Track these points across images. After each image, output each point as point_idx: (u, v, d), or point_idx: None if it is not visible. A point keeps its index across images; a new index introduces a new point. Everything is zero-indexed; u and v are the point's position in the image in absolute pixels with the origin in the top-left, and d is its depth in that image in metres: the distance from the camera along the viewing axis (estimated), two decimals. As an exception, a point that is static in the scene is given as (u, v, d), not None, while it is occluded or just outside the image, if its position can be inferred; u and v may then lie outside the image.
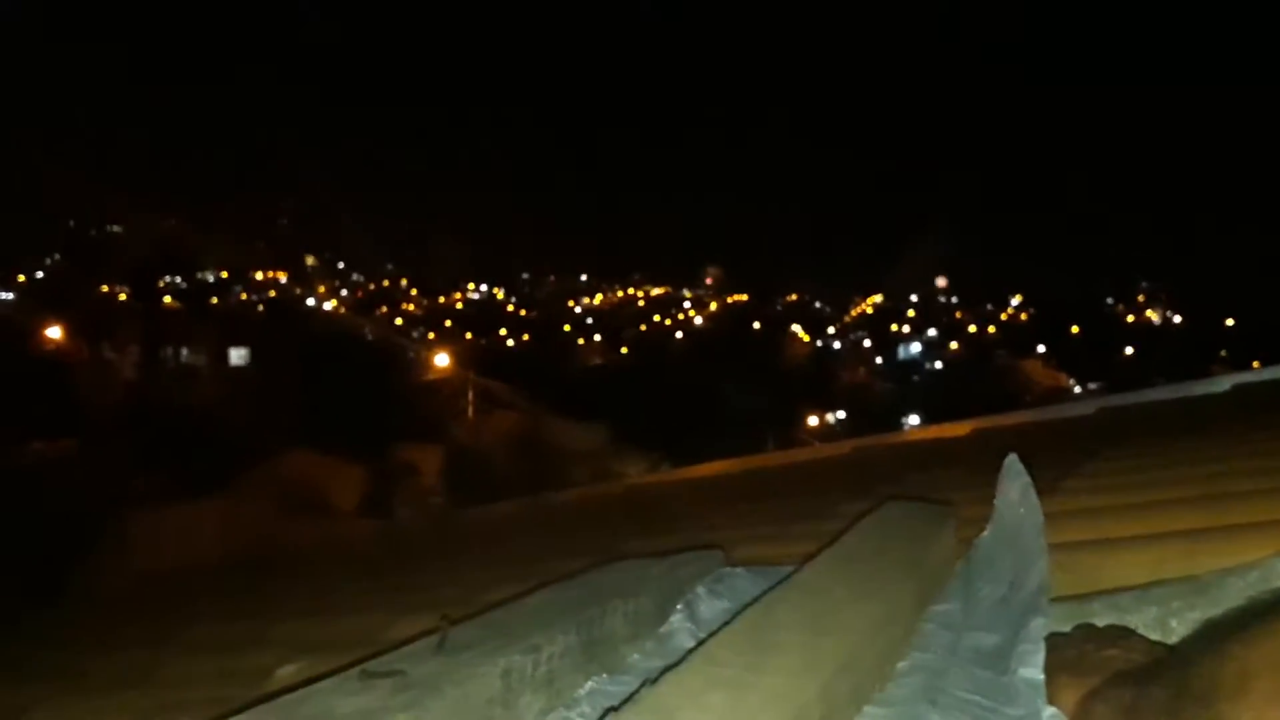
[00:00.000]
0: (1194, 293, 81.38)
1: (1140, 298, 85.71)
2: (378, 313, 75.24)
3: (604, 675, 1.41)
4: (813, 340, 74.59)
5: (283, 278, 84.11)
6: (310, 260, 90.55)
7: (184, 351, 46.92)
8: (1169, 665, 0.94)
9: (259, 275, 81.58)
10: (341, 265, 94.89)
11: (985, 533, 1.69)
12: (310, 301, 76.90)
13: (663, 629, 1.53)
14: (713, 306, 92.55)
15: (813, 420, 44.41)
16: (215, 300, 68.54)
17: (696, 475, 6.99)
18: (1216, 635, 0.80)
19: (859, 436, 7.77)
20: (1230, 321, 72.10)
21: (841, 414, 47.85)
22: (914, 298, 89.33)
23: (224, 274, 76.85)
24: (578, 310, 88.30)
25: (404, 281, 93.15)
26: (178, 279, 70.59)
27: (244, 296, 73.69)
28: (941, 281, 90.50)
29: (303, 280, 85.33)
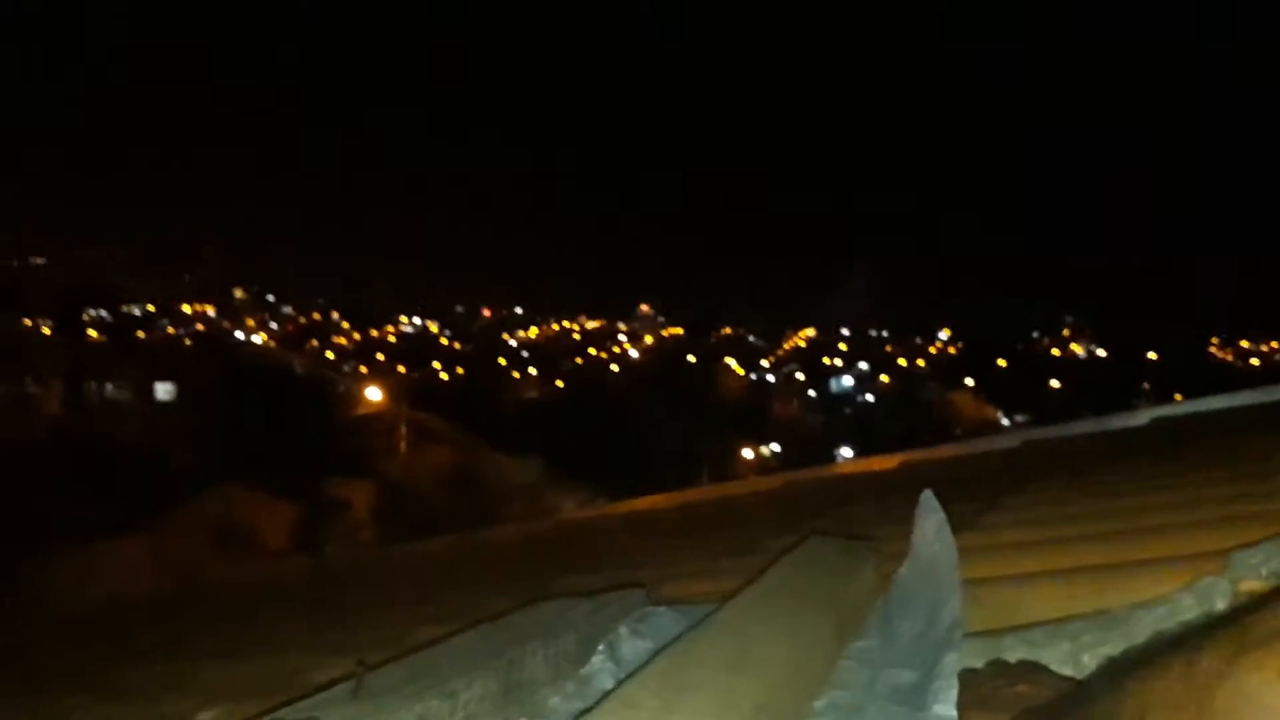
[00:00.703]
0: (1117, 328, 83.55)
1: (1065, 332, 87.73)
2: (308, 346, 74.26)
3: None
4: (747, 373, 75.05)
5: (211, 311, 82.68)
6: (239, 293, 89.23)
7: (109, 386, 45.72)
8: (1074, 703, 0.95)
9: (186, 308, 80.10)
10: (271, 298, 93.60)
11: (902, 569, 1.70)
12: (239, 335, 75.64)
13: (583, 670, 1.52)
14: (648, 340, 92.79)
15: (747, 453, 44.57)
16: (141, 334, 67.06)
17: (630, 510, 6.98)
18: (1120, 672, 0.82)
19: (792, 469, 7.83)
20: (1153, 355, 74.19)
21: (776, 446, 48.09)
22: (845, 331, 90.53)
23: (150, 307, 75.27)
24: (512, 343, 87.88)
25: (335, 314, 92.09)
26: (102, 312, 68.93)
27: (171, 330, 72.18)
28: (872, 316, 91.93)
29: (231, 313, 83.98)
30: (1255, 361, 79.21)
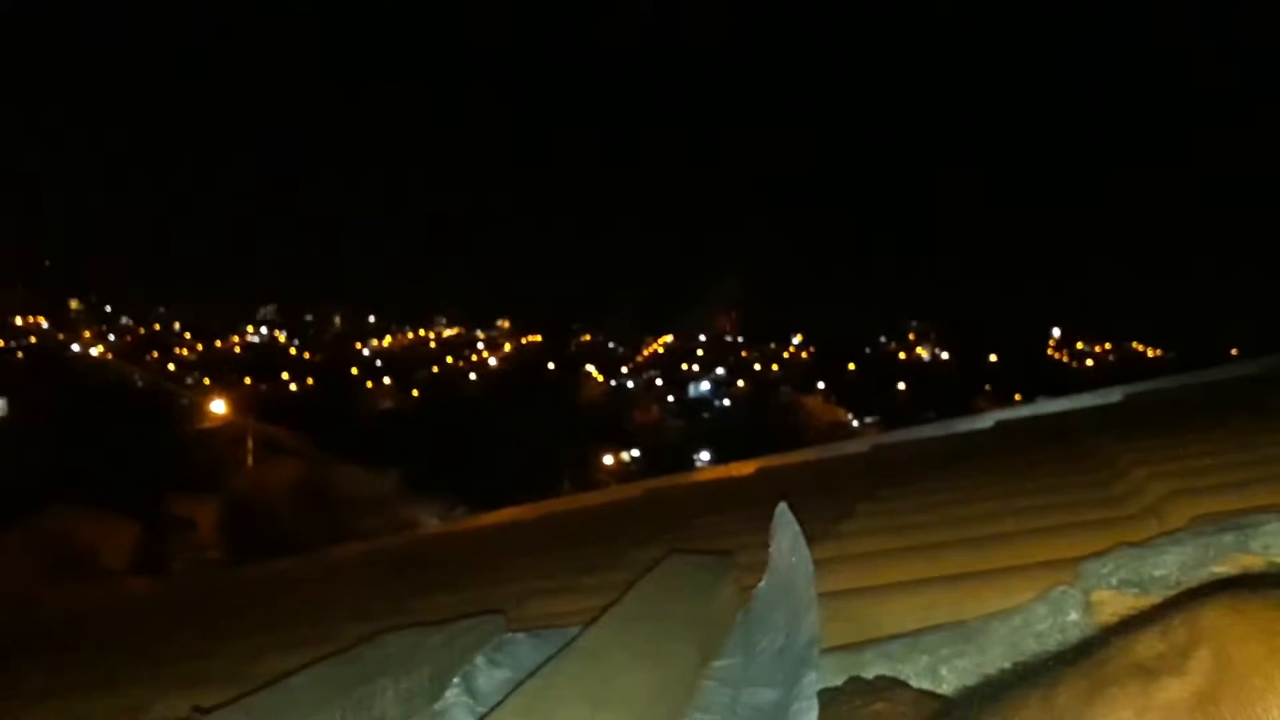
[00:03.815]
0: (959, 331, 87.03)
1: (911, 336, 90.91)
2: (148, 358, 71.21)
3: (372, 762, 1.32)
4: (607, 380, 75.39)
5: (44, 323, 78.52)
6: (75, 304, 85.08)
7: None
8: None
9: (18, 320, 75.86)
10: (109, 309, 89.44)
11: (761, 584, 1.69)
12: (75, 348, 72.10)
13: (438, 706, 1.45)
14: (507, 348, 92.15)
15: (608, 460, 44.76)
16: (-32, 347, 63.23)
17: (489, 523, 6.88)
18: (978, 703, 0.80)
19: (653, 475, 7.86)
20: (993, 358, 77.70)
21: (636, 452, 48.42)
22: (702, 337, 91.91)
23: (-21, 319, 71.04)
24: (365, 352, 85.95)
25: (176, 325, 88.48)
26: (-76, 326, 64.77)
27: (1, 343, 68.19)
28: (728, 322, 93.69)
29: (66, 325, 79.96)
30: (1090, 362, 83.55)
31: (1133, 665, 0.64)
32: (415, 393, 66.83)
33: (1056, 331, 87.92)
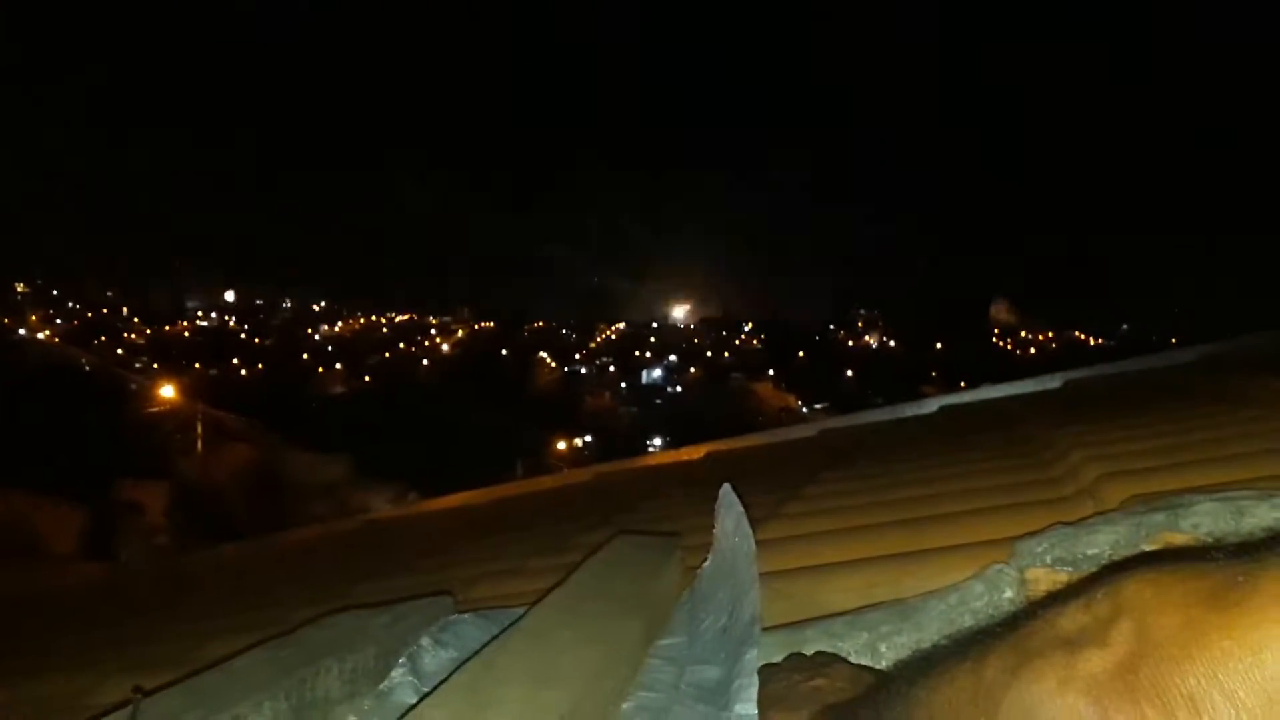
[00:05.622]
0: (907, 319, 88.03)
1: (859, 324, 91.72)
2: (96, 342, 70.00)
3: (315, 741, 1.32)
4: (560, 366, 75.31)
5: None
6: (21, 287, 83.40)
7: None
8: (867, 707, 0.96)
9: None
10: (56, 292, 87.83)
11: (705, 564, 1.71)
12: (22, 331, 70.73)
13: (383, 686, 1.45)
14: (460, 333, 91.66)
15: (561, 445, 44.79)
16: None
17: (440, 507, 6.85)
18: (912, 676, 0.82)
19: (606, 460, 7.86)
20: (939, 345, 78.72)
21: (589, 438, 48.52)
22: (654, 324, 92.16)
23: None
24: (316, 338, 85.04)
25: (125, 309, 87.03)
26: None
27: (-55, 329, 66.81)
28: (681, 310, 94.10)
29: (12, 309, 78.37)
30: (1033, 350, 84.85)
31: (1057, 638, 0.66)
32: (367, 378, 66.33)
33: (1001, 304, 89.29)
